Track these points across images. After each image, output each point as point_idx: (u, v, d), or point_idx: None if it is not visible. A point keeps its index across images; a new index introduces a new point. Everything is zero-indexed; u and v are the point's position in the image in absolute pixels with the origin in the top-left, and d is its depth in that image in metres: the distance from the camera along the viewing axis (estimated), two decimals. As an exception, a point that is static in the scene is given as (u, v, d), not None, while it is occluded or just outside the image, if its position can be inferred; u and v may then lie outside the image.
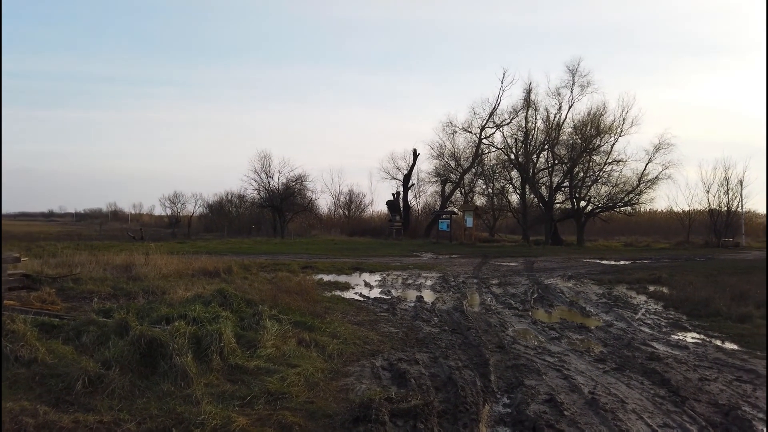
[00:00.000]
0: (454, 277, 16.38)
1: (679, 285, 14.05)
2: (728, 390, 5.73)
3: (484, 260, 23.15)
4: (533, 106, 40.15)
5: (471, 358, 6.75)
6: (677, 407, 5.14)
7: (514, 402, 5.19)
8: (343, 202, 57.45)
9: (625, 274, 17.64)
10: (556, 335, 8.43)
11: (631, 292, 13.91)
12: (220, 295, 7.86)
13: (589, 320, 10.00)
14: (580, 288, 14.51)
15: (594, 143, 38.80)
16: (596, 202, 39.67)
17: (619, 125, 38.21)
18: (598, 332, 8.74)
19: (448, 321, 9.37)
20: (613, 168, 38.80)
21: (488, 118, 42.25)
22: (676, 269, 18.89)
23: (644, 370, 6.36)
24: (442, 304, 11.27)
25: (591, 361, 6.82)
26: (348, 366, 6.22)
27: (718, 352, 7.61)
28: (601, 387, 5.71)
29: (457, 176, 44.89)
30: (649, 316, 10.39)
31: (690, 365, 6.68)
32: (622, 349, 7.54)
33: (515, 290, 13.70)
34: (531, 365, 6.48)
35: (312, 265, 18.48)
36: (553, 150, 39.94)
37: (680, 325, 9.58)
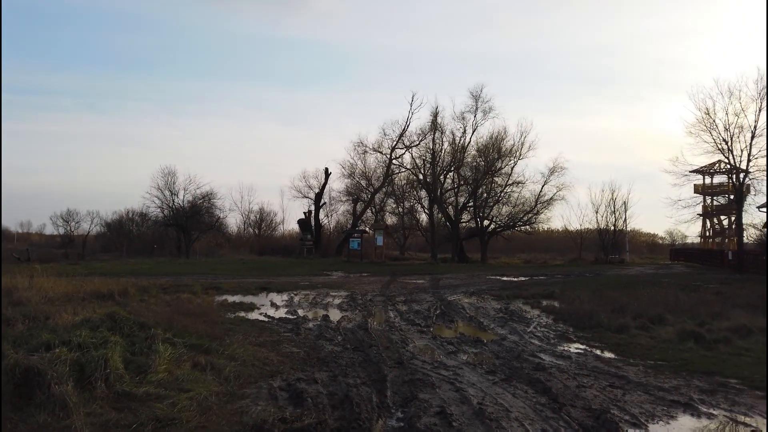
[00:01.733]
0: (362, 295, 16.53)
1: (569, 299, 15.04)
2: (601, 395, 6.25)
3: (392, 278, 23.54)
4: (440, 129, 41.75)
5: (370, 375, 6.89)
6: (555, 413, 5.54)
7: (407, 416, 5.37)
8: (254, 221, 56.33)
9: (523, 289, 18.63)
10: (454, 350, 8.78)
11: (526, 306, 14.71)
12: (110, 318, 7.49)
13: (486, 334, 10.49)
14: (481, 303, 15.16)
15: (496, 166, 40.88)
16: (498, 221, 41.73)
17: (518, 149, 40.61)
18: (493, 345, 9.20)
19: (351, 339, 9.47)
20: (513, 189, 41.09)
21: (398, 140, 43.34)
22: (567, 285, 20.22)
23: (529, 380, 6.79)
24: (347, 323, 11.36)
25: (483, 374, 7.18)
26: (245, 388, 6.14)
27: (597, 360, 8.27)
28: (490, 398, 6.03)
29: (369, 195, 45.48)
30: (539, 329, 11.07)
31: (571, 374, 7.22)
32: (512, 360, 7.99)
33: (419, 307, 14.07)
34: (427, 379, 6.72)
35: (217, 286, 17.94)
36: (459, 171, 41.61)
37: (566, 337, 10.29)
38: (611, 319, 11.43)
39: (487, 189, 41.28)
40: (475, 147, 41.94)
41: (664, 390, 6.53)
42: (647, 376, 7.26)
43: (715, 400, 6.17)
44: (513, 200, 41.25)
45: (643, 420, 5.45)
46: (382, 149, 44.25)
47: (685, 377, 7.19)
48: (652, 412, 5.73)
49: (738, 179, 29.55)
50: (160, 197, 42.38)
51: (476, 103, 40.58)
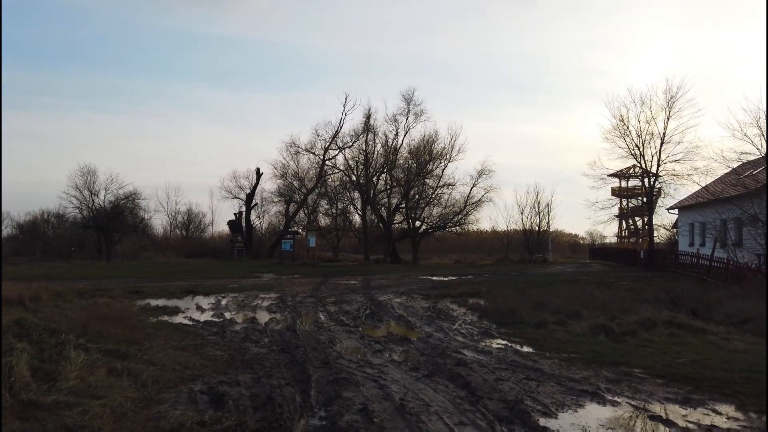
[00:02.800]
0: (293, 297, 16.40)
1: (493, 297, 15.58)
2: (517, 387, 6.55)
3: (324, 280, 23.48)
4: (373, 131, 42.06)
5: (295, 376, 6.88)
6: (473, 406, 5.77)
7: (330, 414, 5.42)
8: (181, 222, 54.44)
9: (451, 288, 19.11)
10: (380, 348, 8.91)
11: (453, 305, 15.10)
12: (18, 325, 7.07)
13: (413, 333, 10.70)
14: (410, 303, 15.42)
15: (428, 168, 41.65)
16: (429, 222, 42.50)
17: (449, 152, 41.60)
18: (419, 343, 9.40)
19: (278, 341, 9.40)
20: (443, 191, 42.02)
21: (331, 141, 43.23)
22: (493, 283, 20.93)
23: (451, 375, 7.01)
24: (275, 325, 11.26)
25: (407, 370, 7.34)
26: (163, 393, 5.97)
27: (516, 355, 8.64)
28: (412, 393, 6.18)
29: (301, 196, 45.10)
30: (464, 327, 11.41)
31: (490, 368, 7.51)
32: (436, 357, 8.21)
33: (350, 307, 14.13)
34: (351, 378, 6.79)
35: (140, 289, 17.27)
36: (392, 173, 42.06)
37: (489, 333, 10.68)
38: (532, 316, 11.95)
39: (419, 190, 41.98)
40: (407, 149, 42.64)
41: (575, 380, 6.93)
42: (561, 368, 7.67)
43: (620, 389, 6.62)
44: (444, 202, 42.21)
45: (553, 409, 5.77)
46: (314, 150, 44.06)
47: (595, 368, 7.65)
48: (562, 401, 6.07)
49: (649, 183, 31.63)
50: (79, 197, 40.26)
51: (408, 106, 41.25)
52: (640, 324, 10.50)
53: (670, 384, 6.81)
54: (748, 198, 21.38)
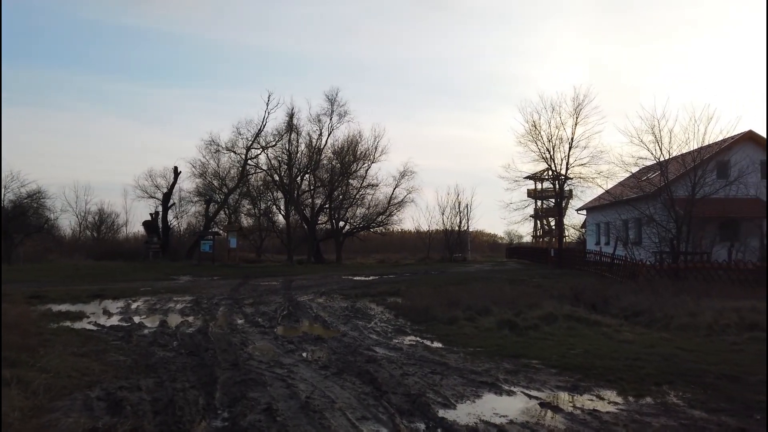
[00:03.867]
0: (209, 299, 16.01)
1: (411, 296, 15.96)
2: (422, 381, 6.81)
3: (244, 281, 23.05)
4: (296, 131, 41.62)
5: (200, 379, 6.78)
6: (377, 401, 5.94)
7: (233, 415, 5.40)
8: (92, 223, 51.47)
9: (371, 288, 19.35)
10: (293, 348, 8.93)
11: (372, 304, 15.32)
12: None
13: (328, 332, 10.79)
14: (329, 303, 15.49)
15: (352, 168, 41.80)
16: (353, 222, 42.69)
17: (373, 153, 41.96)
18: (332, 342, 9.50)
19: (188, 344, 9.19)
20: (367, 191, 42.33)
21: (254, 139, 42.33)
22: (413, 282, 21.39)
23: (359, 372, 7.17)
24: (186, 328, 10.98)
25: (316, 369, 7.42)
26: (56, 401, 5.71)
27: (425, 350, 8.93)
28: (318, 391, 6.27)
29: (222, 196, 43.91)
30: (379, 325, 11.64)
31: (399, 364, 7.74)
32: (347, 355, 8.34)
33: (267, 309, 14.00)
34: (260, 379, 6.79)
35: (42, 294, 16.22)
36: (315, 173, 41.87)
37: (403, 331, 10.96)
38: (445, 313, 12.36)
39: (343, 191, 42.06)
40: (331, 149, 42.58)
41: (477, 373, 7.29)
42: (465, 361, 8.03)
43: (517, 379, 7.03)
44: (367, 202, 42.55)
45: (453, 401, 6.05)
46: (236, 149, 42.97)
47: (497, 361, 8.07)
48: (462, 393, 6.38)
49: (559, 185, 33.45)
50: (-26, 196, 37.04)
51: (332, 106, 41.18)
52: (543, 318, 11.14)
53: (563, 373, 7.31)
54: (645, 200, 23.13)
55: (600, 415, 5.53)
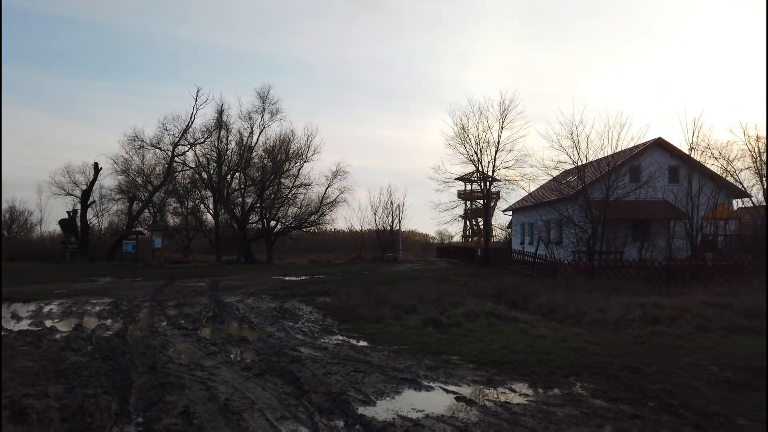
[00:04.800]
0: (129, 301, 15.40)
1: (340, 295, 16.01)
2: (344, 380, 6.91)
3: (169, 282, 22.28)
4: (226, 128, 40.68)
5: (115, 384, 6.56)
6: (297, 400, 5.98)
7: (148, 420, 5.28)
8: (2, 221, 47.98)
9: (301, 288, 19.25)
10: (216, 350, 8.79)
11: (301, 304, 15.26)
12: None
13: (254, 333, 10.68)
14: (257, 304, 15.29)
15: (284, 167, 41.33)
16: (285, 222, 42.23)
17: (305, 152, 41.67)
18: (258, 343, 9.43)
19: (104, 348, 8.84)
20: (299, 191, 42.00)
21: (181, 136, 41.01)
22: (343, 282, 21.46)
23: (282, 372, 7.17)
24: (104, 331, 10.55)
25: (239, 371, 7.35)
26: (-47, 411, 5.38)
27: (351, 349, 9.04)
28: (239, 393, 6.24)
29: (147, 194, 42.22)
30: (307, 325, 11.64)
31: (323, 363, 7.80)
32: (271, 356, 8.31)
33: (191, 310, 13.65)
34: (178, 382, 6.66)
35: (-60, 298, 15.01)
36: (246, 171, 41.08)
37: (330, 330, 11.01)
38: (372, 311, 12.52)
39: (275, 190, 41.52)
40: (262, 148, 41.93)
41: (398, 370, 7.47)
42: (388, 359, 8.20)
43: (436, 375, 7.27)
44: (299, 201, 42.23)
45: (373, 398, 6.19)
46: (162, 145, 41.48)
47: (419, 358, 8.30)
48: (383, 390, 6.53)
49: (487, 187, 34.55)
50: None
51: (263, 104, 40.57)
52: (466, 316, 11.53)
53: (480, 368, 7.63)
54: (564, 202, 24.34)
55: (510, 407, 5.83)
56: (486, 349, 8.82)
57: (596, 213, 21.73)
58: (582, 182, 22.89)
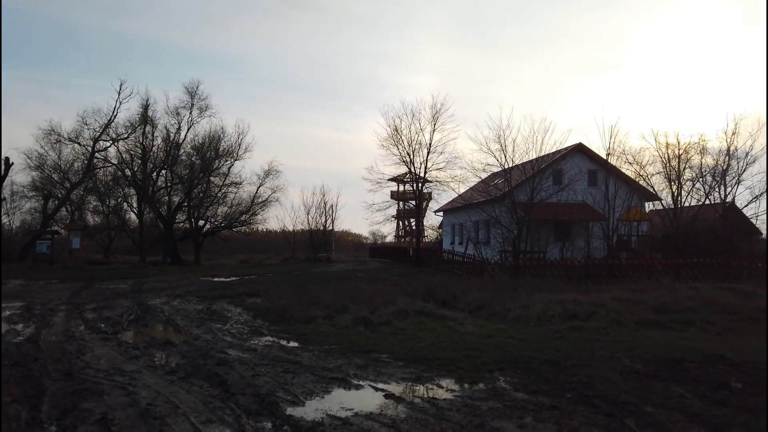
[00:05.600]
0: (43, 305, 14.49)
1: (271, 296, 15.81)
2: (273, 381, 6.83)
3: (87, 284, 21.14)
4: (152, 123, 39.06)
5: (26, 392, 6.17)
6: (224, 403, 5.87)
7: (61, 428, 5.02)
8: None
9: (230, 289, 18.81)
10: (138, 354, 8.45)
11: (230, 306, 14.90)
12: None
13: (179, 335, 10.33)
14: (183, 306, 14.79)
15: (213, 165, 40.19)
16: (215, 221, 41.08)
17: (236, 150, 40.71)
18: (183, 346, 9.14)
19: (13, 354, 8.27)
20: (230, 190, 40.99)
21: (102, 131, 38.97)
22: (275, 282, 21.17)
23: (208, 375, 7.00)
24: (14, 337, 9.87)
25: (162, 374, 7.11)
26: None
27: (280, 350, 8.94)
28: (162, 397, 6.04)
29: (64, 192, 39.82)
30: (236, 327, 11.39)
31: (251, 365, 7.68)
32: (197, 359, 8.09)
33: (112, 313, 13.03)
34: (96, 388, 6.35)
35: None
36: (173, 169, 39.63)
37: (260, 331, 10.84)
38: (304, 312, 12.42)
39: (204, 188, 40.31)
40: (191, 145, 40.59)
41: (328, 370, 7.47)
42: (318, 359, 8.19)
43: (366, 373, 7.33)
44: (230, 201, 41.21)
45: (302, 398, 6.17)
46: (81, 140, 39.25)
47: (349, 357, 8.33)
48: (312, 390, 6.51)
49: (419, 188, 35.13)
50: None
51: (192, 99, 39.29)
52: (396, 314, 11.68)
53: (409, 365, 7.76)
54: (492, 204, 25.14)
55: (437, 402, 5.98)
56: (415, 346, 8.98)
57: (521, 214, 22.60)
58: (508, 185, 23.75)
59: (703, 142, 24.82)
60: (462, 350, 8.62)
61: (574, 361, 7.91)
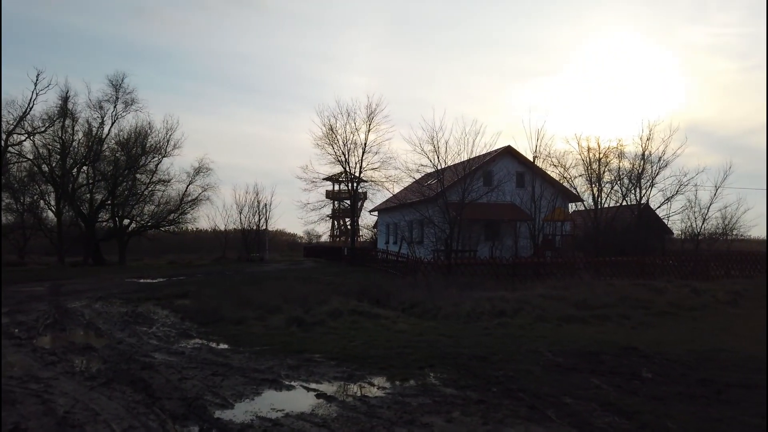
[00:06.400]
0: (-54, 310, 13.41)
1: (201, 297, 15.36)
2: (201, 384, 6.67)
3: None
4: (72, 117, 36.98)
5: (-75, 404, 5.72)
6: (148, 408, 5.67)
7: (-33, 441, 4.71)
8: None
9: (157, 291, 18.12)
10: (56, 360, 8.02)
11: (157, 308, 14.37)
12: None
13: (101, 340, 9.88)
14: (105, 308, 14.13)
15: (139, 162, 38.54)
16: (141, 220, 39.42)
17: (164, 146, 39.24)
18: (105, 350, 8.75)
19: None
20: (158, 188, 39.46)
21: (17, 123, 36.47)
22: (205, 283, 20.59)
23: (132, 380, 6.74)
24: None
25: (81, 381, 6.78)
26: None
27: (210, 353, 8.73)
28: (81, 404, 5.76)
29: (-28, 187, 36.92)
30: (162, 329, 11.01)
31: (178, 368, 7.46)
32: (120, 363, 7.76)
33: (26, 318, 12.26)
34: (7, 397, 5.97)
35: None
36: (95, 165, 37.68)
37: (188, 334, 10.53)
38: (235, 313, 12.19)
39: (129, 186, 38.58)
40: (115, 140, 38.75)
41: (259, 371, 7.38)
42: (249, 361, 8.06)
43: (298, 374, 7.30)
44: (157, 199, 39.66)
45: (231, 400, 6.06)
46: (-8, 132, 36.53)
47: (281, 357, 8.26)
48: (242, 392, 6.41)
49: (354, 187, 35.18)
50: None
51: (116, 92, 37.56)
52: (330, 314, 11.67)
53: (342, 364, 7.79)
54: (425, 204, 25.59)
55: (369, 401, 6.04)
56: (348, 345, 9.02)
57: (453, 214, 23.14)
58: (441, 185, 24.24)
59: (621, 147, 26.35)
60: (394, 348, 8.74)
61: (500, 356, 8.20)
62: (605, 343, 9.26)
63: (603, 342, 9.34)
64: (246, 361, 8.00)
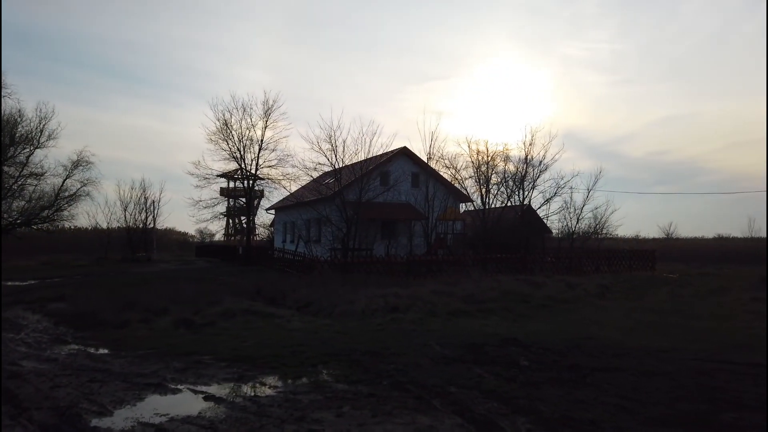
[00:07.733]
0: None
1: (78, 300, 14.28)
2: (76, 392, 6.24)
3: None
4: (-77, 99, 32.64)
5: None
6: (14, 420, 5.23)
7: None
8: None
9: (28, 294, 16.62)
10: None
11: (27, 312, 13.22)
12: None
13: (-42, 350, 8.89)
14: (-37, 315, 12.71)
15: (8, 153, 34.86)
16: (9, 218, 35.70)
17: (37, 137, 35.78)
18: (-38, 362, 7.90)
19: None
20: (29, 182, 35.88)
21: None
22: (84, 285, 19.14)
23: (-6, 392, 6.17)
24: None
25: (-68, 396, 6.09)
26: None
27: (87, 358, 8.18)
28: (-69, 421, 5.18)
29: None
30: (33, 335, 10.14)
31: (50, 376, 6.92)
32: (-19, 374, 7.06)
33: None
34: None
35: None
36: (-47, 155, 33.58)
37: (63, 339, 9.78)
38: (117, 316, 11.50)
39: (-5, 179, 34.78)
40: (-23, 128, 34.71)
41: (143, 375, 7.04)
42: (132, 365, 7.66)
43: (185, 377, 7.05)
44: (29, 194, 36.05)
45: (110, 407, 5.74)
46: None
47: (167, 360, 7.92)
48: (123, 398, 6.09)
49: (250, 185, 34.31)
50: None
51: (-21, 75, 33.60)
52: (221, 314, 11.37)
53: (232, 365, 7.63)
54: (323, 202, 25.58)
55: (259, 400, 5.99)
56: (240, 346, 8.84)
57: (351, 213, 23.35)
58: (339, 184, 24.36)
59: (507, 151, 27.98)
60: (288, 347, 8.70)
61: (392, 351, 8.44)
62: (489, 335, 9.85)
63: (487, 334, 9.92)
64: (128, 366, 7.59)
